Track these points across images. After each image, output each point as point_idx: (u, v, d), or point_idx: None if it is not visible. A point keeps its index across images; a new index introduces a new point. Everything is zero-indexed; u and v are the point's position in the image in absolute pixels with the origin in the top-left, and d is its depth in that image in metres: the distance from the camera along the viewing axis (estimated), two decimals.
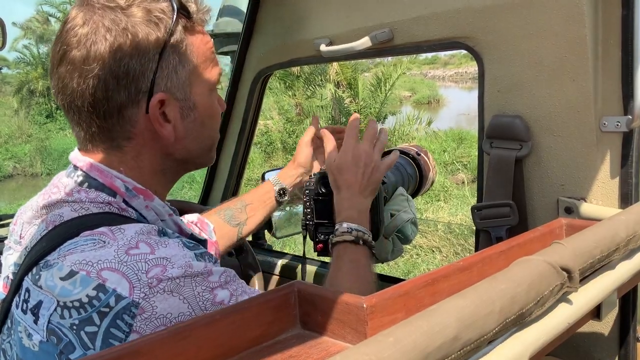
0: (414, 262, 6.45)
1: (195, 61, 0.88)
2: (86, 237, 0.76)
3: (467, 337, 0.47)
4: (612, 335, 1.14)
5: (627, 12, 1.03)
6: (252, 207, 1.44)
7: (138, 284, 0.71)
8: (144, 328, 0.70)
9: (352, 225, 1.11)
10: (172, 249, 0.76)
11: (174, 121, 0.87)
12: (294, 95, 14.33)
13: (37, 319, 0.73)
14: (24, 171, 20.73)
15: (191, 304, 0.73)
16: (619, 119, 1.08)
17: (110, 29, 0.80)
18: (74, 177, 0.87)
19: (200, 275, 0.75)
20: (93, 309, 0.70)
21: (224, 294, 0.77)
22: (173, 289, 0.72)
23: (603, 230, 0.77)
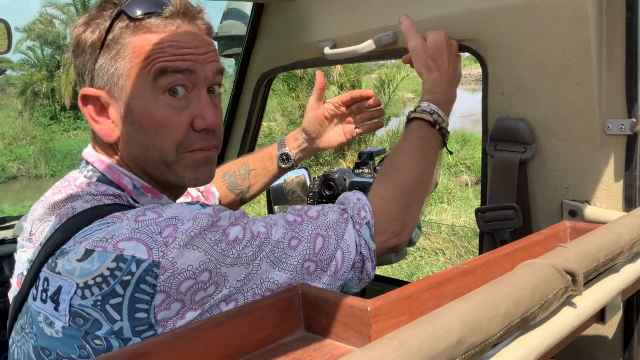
0: (417, 264, 6.44)
1: (134, 62, 0.86)
2: (100, 222, 0.78)
3: (472, 341, 0.48)
4: (616, 338, 1.14)
5: (632, 15, 1.03)
6: (255, 173, 1.43)
7: (154, 245, 0.73)
8: (169, 286, 0.72)
9: (435, 108, 1.10)
10: (177, 208, 0.79)
11: (114, 120, 0.89)
12: (297, 97, 14.32)
13: (58, 305, 0.75)
14: (28, 172, 20.78)
15: (207, 251, 0.75)
16: (623, 122, 1.08)
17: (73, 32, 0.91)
18: (85, 172, 0.90)
19: (210, 223, 0.77)
20: (116, 280, 0.72)
21: (236, 230, 0.79)
22: (187, 242, 0.74)
23: (607, 234, 0.77)
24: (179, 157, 0.89)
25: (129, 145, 0.89)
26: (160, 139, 0.87)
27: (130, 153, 0.89)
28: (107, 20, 0.87)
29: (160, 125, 0.86)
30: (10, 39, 1.41)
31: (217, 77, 0.92)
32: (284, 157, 1.41)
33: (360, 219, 0.91)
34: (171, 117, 0.87)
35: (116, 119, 0.89)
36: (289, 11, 1.67)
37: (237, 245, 0.78)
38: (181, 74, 0.86)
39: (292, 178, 1.88)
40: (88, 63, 0.88)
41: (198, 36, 0.90)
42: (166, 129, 0.87)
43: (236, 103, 1.95)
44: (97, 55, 0.87)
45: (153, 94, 0.86)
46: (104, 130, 0.89)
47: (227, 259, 0.76)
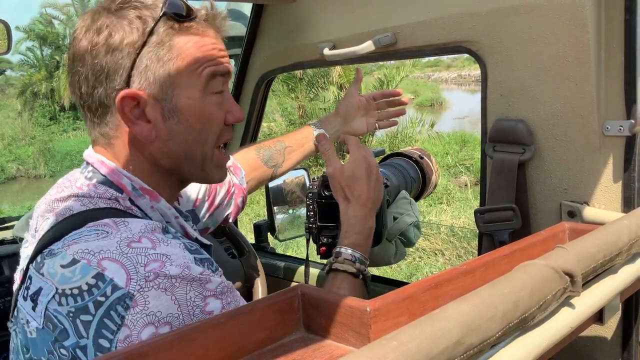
0: (416, 265, 6.43)
1: (181, 63, 0.86)
2: (90, 228, 0.78)
3: (470, 342, 0.48)
4: (615, 339, 1.14)
5: (630, 17, 1.04)
6: (291, 149, 1.48)
7: (135, 276, 0.72)
8: (134, 323, 0.70)
9: (357, 254, 1.08)
10: (174, 247, 0.78)
11: (155, 121, 0.88)
12: (296, 98, 14.33)
13: (36, 305, 0.75)
14: (27, 173, 20.76)
15: (181, 307, 0.73)
16: (621, 123, 1.08)
17: (90, 28, 0.85)
18: (85, 172, 0.90)
19: (197, 281, 0.75)
20: (90, 298, 0.71)
21: (216, 304, 0.77)
22: (167, 287, 0.73)
23: (606, 235, 0.77)
24: (212, 153, 0.94)
25: (168, 144, 0.89)
26: (205, 134, 0.92)
27: (169, 152, 0.90)
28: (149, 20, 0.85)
29: (208, 121, 0.91)
30: (10, 39, 1.42)
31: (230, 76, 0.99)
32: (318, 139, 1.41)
33: None
34: (217, 112, 0.92)
35: (156, 119, 0.87)
36: (288, 12, 1.67)
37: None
38: (223, 77, 0.93)
39: (292, 179, 1.89)
40: (124, 62, 0.84)
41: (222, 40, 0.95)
42: (212, 124, 0.92)
43: None
44: (137, 54, 0.84)
45: (202, 95, 0.89)
46: (144, 131, 0.87)
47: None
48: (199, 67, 0.88)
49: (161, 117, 0.88)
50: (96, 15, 0.86)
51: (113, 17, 0.85)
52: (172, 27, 0.86)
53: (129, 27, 0.84)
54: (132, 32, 0.84)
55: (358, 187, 1.12)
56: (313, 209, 1.31)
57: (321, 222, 1.30)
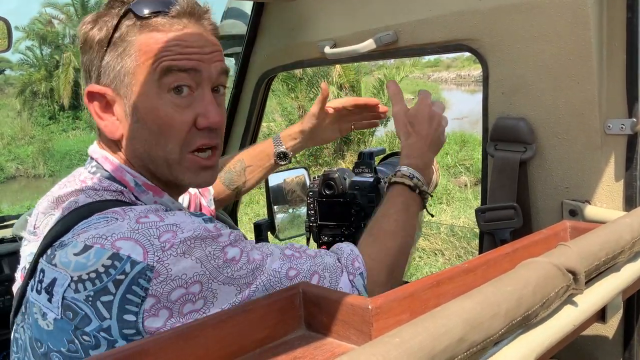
0: (416, 265, 6.44)
1: (139, 58, 0.86)
2: (99, 216, 0.79)
3: (473, 339, 0.47)
4: (617, 338, 1.14)
5: (632, 15, 1.03)
6: (251, 169, 1.47)
7: (151, 248, 0.73)
8: (160, 291, 0.72)
9: (414, 172, 1.11)
10: (180, 216, 0.79)
11: (119, 117, 0.90)
12: (296, 98, 14.32)
13: (52, 296, 0.75)
14: (26, 172, 20.77)
15: (204, 264, 0.75)
16: (623, 122, 1.07)
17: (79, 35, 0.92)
18: (89, 168, 0.92)
19: (210, 237, 0.78)
20: (109, 278, 0.72)
21: (235, 251, 0.79)
22: (185, 250, 0.74)
23: (608, 233, 0.77)
24: (182, 158, 0.89)
25: (132, 142, 0.89)
26: (164, 138, 0.88)
27: (134, 150, 0.90)
28: (115, 18, 0.87)
29: (165, 124, 0.87)
30: (10, 37, 1.42)
31: (221, 77, 0.93)
32: (281, 155, 1.45)
33: (354, 269, 0.93)
34: (175, 115, 0.87)
35: (121, 116, 0.89)
36: (289, 10, 1.67)
37: (232, 265, 0.78)
38: (186, 73, 0.87)
39: (292, 178, 1.88)
40: (95, 60, 0.89)
41: (204, 36, 0.90)
42: (170, 128, 0.87)
43: (236, 102, 1.95)
44: (104, 52, 0.88)
45: (158, 92, 0.86)
46: (108, 127, 0.90)
47: (220, 276, 0.76)
48: (154, 62, 0.86)
49: (124, 114, 0.89)
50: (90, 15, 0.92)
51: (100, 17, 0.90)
52: (134, 24, 0.87)
53: (100, 26, 0.88)
54: (101, 30, 0.88)
55: (419, 124, 1.15)
56: (313, 208, 1.31)
57: (322, 221, 1.30)
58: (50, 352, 0.76)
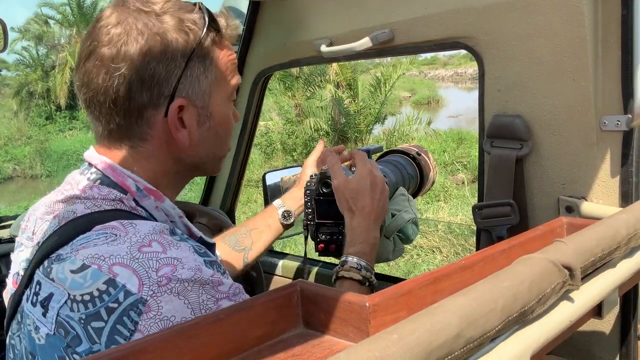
0: (414, 262, 6.45)
1: (218, 73, 0.91)
2: (98, 232, 0.77)
3: (470, 335, 0.48)
4: (614, 333, 1.14)
5: (627, 12, 1.04)
6: (257, 231, 1.43)
7: (147, 281, 0.72)
8: (148, 328, 0.70)
9: (362, 262, 1.10)
10: (184, 251, 0.77)
11: (190, 127, 0.90)
12: (293, 96, 14.33)
13: (47, 311, 0.74)
14: (23, 173, 20.74)
15: (194, 311, 0.73)
16: (619, 118, 1.08)
17: (143, 32, 0.83)
18: (87, 174, 0.89)
19: (209, 284, 0.76)
20: (102, 304, 0.71)
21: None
22: (180, 291, 0.73)
23: (604, 229, 0.77)
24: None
25: (197, 148, 0.93)
26: (227, 137, 1.00)
27: (194, 155, 0.93)
28: (200, 30, 0.87)
29: (228, 128, 0.98)
30: (6, 37, 1.41)
31: None
32: (285, 215, 1.43)
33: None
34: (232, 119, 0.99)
35: (192, 125, 0.90)
36: (285, 9, 1.67)
37: None
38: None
39: (290, 177, 1.88)
40: (176, 71, 0.86)
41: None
42: (230, 129, 0.99)
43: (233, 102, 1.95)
44: (186, 64, 0.86)
45: (228, 104, 0.96)
46: (184, 137, 0.90)
47: None
48: (228, 76, 0.94)
49: (196, 123, 0.91)
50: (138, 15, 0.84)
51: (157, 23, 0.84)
52: (213, 40, 0.90)
53: (179, 37, 0.85)
54: (184, 42, 0.86)
55: (362, 200, 1.14)
56: (311, 206, 1.31)
57: (319, 219, 1.30)
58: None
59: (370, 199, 1.14)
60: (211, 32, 0.89)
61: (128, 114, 0.86)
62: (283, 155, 13.95)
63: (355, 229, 1.14)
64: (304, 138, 13.64)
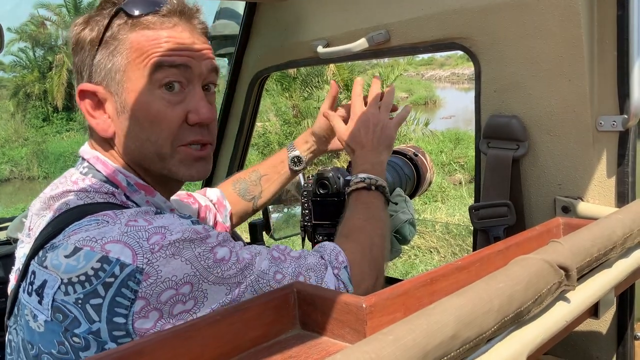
0: (412, 263, 6.45)
1: (131, 57, 0.88)
2: (90, 218, 0.79)
3: (466, 336, 0.48)
4: (610, 333, 1.14)
5: (623, 12, 1.04)
6: (267, 178, 1.43)
7: (140, 251, 0.73)
8: (150, 293, 0.72)
9: (363, 175, 1.12)
10: (168, 219, 0.80)
11: (112, 116, 0.91)
12: (290, 97, 14.32)
13: (42, 298, 0.76)
14: (20, 175, 20.69)
15: (193, 265, 0.75)
16: (615, 119, 1.08)
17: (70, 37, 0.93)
18: (80, 168, 0.91)
19: (198, 238, 0.78)
20: (98, 281, 0.72)
21: (224, 251, 0.80)
22: (174, 252, 0.75)
23: (600, 229, 0.77)
24: (173, 151, 0.91)
25: (124, 139, 0.90)
26: (156, 133, 0.89)
27: (126, 147, 0.91)
28: (106, 18, 0.89)
29: (156, 119, 0.88)
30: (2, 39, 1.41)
31: (211, 74, 0.95)
32: (295, 160, 1.42)
33: (338, 264, 0.94)
34: (166, 110, 0.89)
35: (112, 114, 0.90)
36: (282, 10, 1.67)
37: (222, 265, 0.78)
38: (177, 68, 0.89)
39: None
40: (87, 59, 0.90)
41: (194, 34, 0.93)
42: (161, 123, 0.89)
43: (230, 102, 1.95)
44: (95, 51, 0.89)
45: (149, 88, 0.88)
46: (100, 125, 0.91)
47: (210, 276, 0.77)
48: (145, 59, 0.88)
49: (116, 112, 0.90)
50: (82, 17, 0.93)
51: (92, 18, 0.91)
52: (125, 23, 0.89)
53: (91, 27, 0.90)
54: (93, 30, 0.89)
55: (357, 137, 1.19)
56: (308, 207, 1.31)
57: (316, 220, 1.30)
58: (41, 353, 0.77)
59: (364, 134, 1.18)
60: (121, 18, 0.89)
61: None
62: None
63: (356, 162, 1.17)
64: None
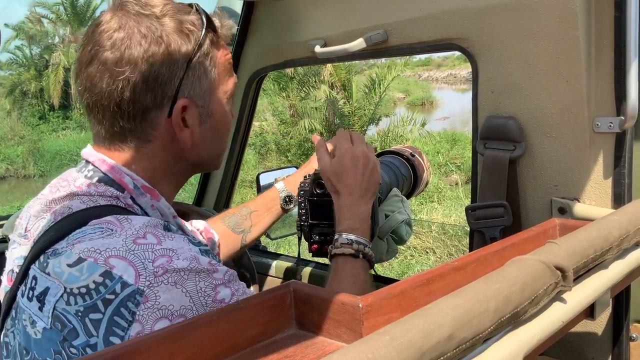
0: (408, 263, 6.45)
1: (217, 72, 0.93)
2: (94, 226, 0.78)
3: (462, 336, 0.48)
4: (606, 334, 1.15)
5: (620, 14, 1.04)
6: (257, 214, 1.42)
7: (144, 272, 0.72)
8: (146, 318, 0.71)
9: (352, 236, 1.09)
10: (178, 242, 0.78)
11: (192, 127, 0.91)
12: (288, 97, 14.32)
13: (43, 305, 0.75)
14: (16, 173, 20.64)
15: (193, 298, 0.74)
16: (611, 120, 1.08)
17: (146, 35, 0.85)
18: (85, 171, 0.89)
19: (205, 272, 0.76)
20: (99, 296, 0.71)
21: (226, 292, 0.78)
22: (177, 280, 0.73)
23: (596, 230, 0.77)
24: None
25: (197, 147, 0.93)
26: (226, 137, 1.03)
27: (194, 154, 0.94)
28: (200, 31, 0.89)
29: (227, 125, 1.00)
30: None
31: None
32: (287, 200, 1.42)
33: None
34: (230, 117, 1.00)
35: (193, 124, 0.91)
36: (279, 10, 1.67)
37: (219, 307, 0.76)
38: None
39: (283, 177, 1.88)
40: (178, 72, 0.87)
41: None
42: (229, 127, 1.02)
43: None
44: (187, 65, 0.88)
45: (226, 101, 0.97)
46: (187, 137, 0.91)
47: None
48: (227, 76, 0.96)
49: (198, 122, 0.92)
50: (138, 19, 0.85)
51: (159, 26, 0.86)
52: (211, 40, 0.92)
53: (180, 39, 0.87)
54: (185, 43, 0.87)
55: (345, 179, 1.14)
56: (305, 207, 1.31)
57: (313, 220, 1.30)
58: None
59: (352, 175, 1.13)
60: (209, 32, 0.91)
61: (132, 117, 0.87)
62: (277, 156, 13.94)
63: (341, 208, 1.13)
64: (299, 139, 13.63)
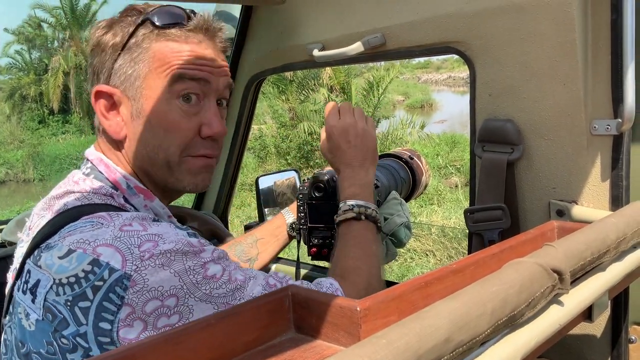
0: (407, 266, 6.45)
1: (153, 66, 0.91)
2: (85, 220, 0.80)
3: (460, 339, 0.48)
4: (604, 336, 1.15)
5: (617, 17, 1.04)
6: (264, 241, 1.41)
7: (130, 257, 0.74)
8: (136, 301, 0.72)
9: (353, 202, 1.11)
10: (164, 227, 0.80)
11: (125, 119, 0.92)
12: (287, 100, 14.32)
13: (35, 297, 0.76)
14: (16, 177, 20.63)
15: (182, 278, 0.75)
16: (609, 122, 1.09)
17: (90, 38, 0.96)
18: (83, 169, 0.93)
19: (192, 252, 0.77)
20: (88, 284, 0.73)
21: (216, 268, 0.79)
22: (164, 262, 0.74)
23: (594, 233, 0.78)
24: (181, 160, 0.93)
25: (135, 144, 0.92)
26: (168, 141, 0.92)
27: (135, 152, 0.92)
28: (131, 26, 0.92)
29: (171, 128, 0.91)
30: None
31: (226, 91, 0.99)
32: (294, 226, 1.41)
33: None
34: (182, 121, 0.92)
35: (126, 118, 0.92)
36: (277, 14, 1.67)
37: (212, 283, 0.77)
38: (197, 82, 0.92)
39: (283, 180, 1.88)
40: (107, 62, 0.92)
41: (215, 51, 0.96)
42: (175, 132, 0.91)
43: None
44: (117, 56, 0.91)
45: (167, 98, 0.91)
46: (112, 126, 0.92)
47: (197, 292, 0.76)
48: (166, 69, 0.91)
49: (130, 116, 0.92)
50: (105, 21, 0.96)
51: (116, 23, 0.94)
52: (151, 32, 0.92)
53: (114, 32, 0.92)
54: (116, 35, 0.91)
55: (339, 155, 1.17)
56: (303, 210, 1.32)
57: (312, 223, 1.31)
58: (30, 352, 0.77)
59: (345, 149, 1.16)
60: (146, 27, 0.92)
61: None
62: (277, 159, 13.94)
63: (343, 181, 1.16)
64: (298, 142, 13.63)
